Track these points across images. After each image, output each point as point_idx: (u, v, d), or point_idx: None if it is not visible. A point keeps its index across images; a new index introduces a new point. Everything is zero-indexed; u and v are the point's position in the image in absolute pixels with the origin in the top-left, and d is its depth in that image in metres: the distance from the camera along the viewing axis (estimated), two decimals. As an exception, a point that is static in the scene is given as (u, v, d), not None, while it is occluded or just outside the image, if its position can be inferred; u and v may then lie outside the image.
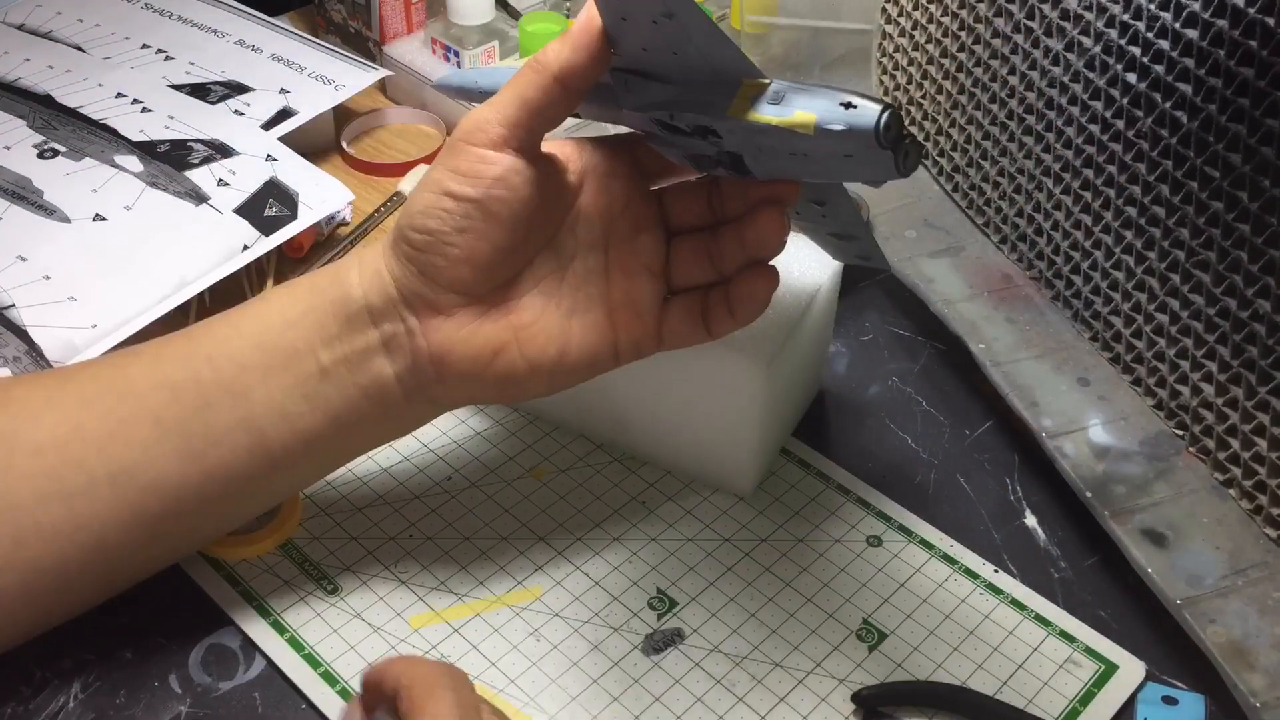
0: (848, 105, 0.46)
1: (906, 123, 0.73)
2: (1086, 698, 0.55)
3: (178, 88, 0.84)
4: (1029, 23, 0.67)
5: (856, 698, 0.55)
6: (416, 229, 0.51)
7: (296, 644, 0.57)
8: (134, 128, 0.80)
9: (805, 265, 0.63)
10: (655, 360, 0.55)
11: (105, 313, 0.68)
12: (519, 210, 0.51)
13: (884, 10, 0.81)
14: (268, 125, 0.81)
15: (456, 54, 0.89)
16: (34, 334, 0.66)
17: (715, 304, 0.53)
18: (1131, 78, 0.60)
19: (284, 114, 0.82)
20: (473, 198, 0.50)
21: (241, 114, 0.82)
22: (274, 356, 0.53)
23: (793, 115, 0.47)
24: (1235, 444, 0.58)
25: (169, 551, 0.56)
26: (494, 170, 0.50)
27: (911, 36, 0.78)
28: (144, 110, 0.81)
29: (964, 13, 0.72)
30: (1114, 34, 0.61)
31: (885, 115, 0.45)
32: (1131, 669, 0.56)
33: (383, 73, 0.89)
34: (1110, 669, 0.56)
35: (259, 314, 0.54)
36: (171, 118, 0.81)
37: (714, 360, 0.59)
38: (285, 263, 0.78)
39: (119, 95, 0.83)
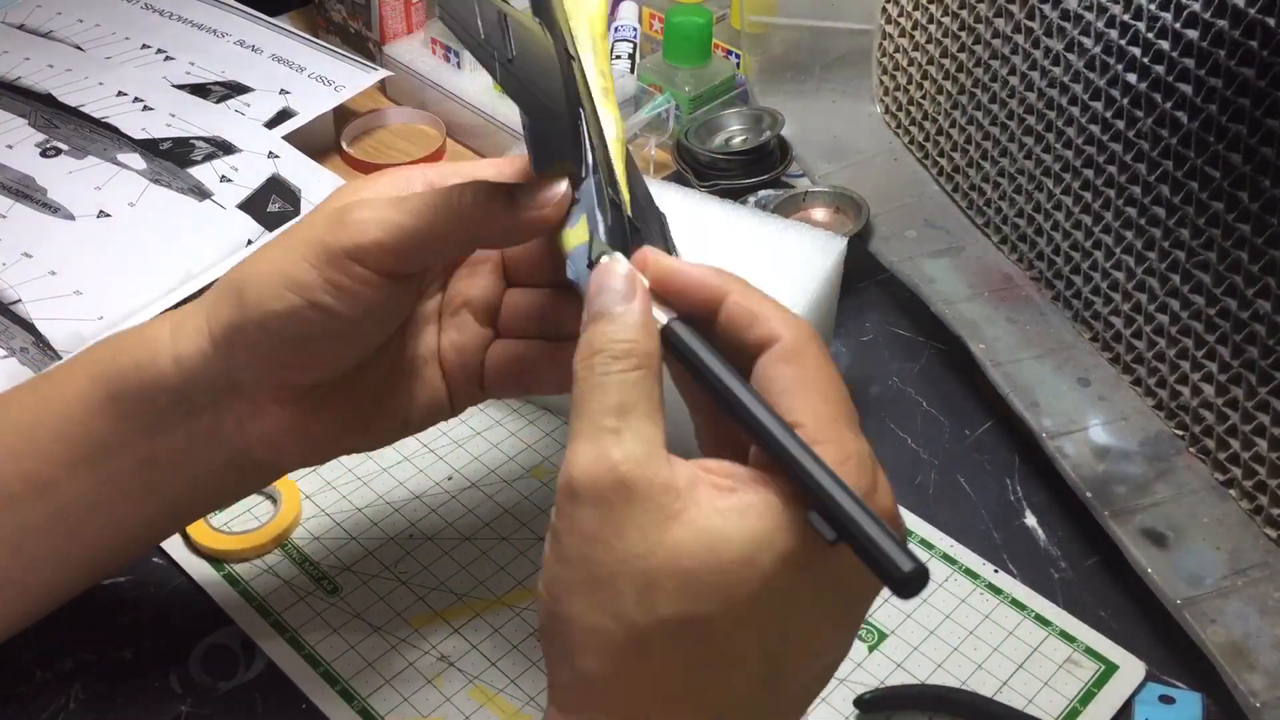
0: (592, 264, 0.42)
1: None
2: (1086, 698, 0.55)
3: (178, 88, 0.84)
4: (1029, 23, 0.67)
5: (859, 702, 0.55)
6: (272, 332, 0.44)
7: (296, 644, 0.57)
8: (135, 126, 0.80)
9: (807, 252, 0.63)
10: None
11: (112, 305, 0.68)
12: (390, 323, 0.47)
13: (884, 10, 0.81)
14: (268, 126, 0.81)
15: (456, 54, 0.89)
16: (41, 326, 0.67)
17: (537, 362, 0.50)
18: (1132, 78, 0.60)
19: (284, 115, 0.82)
20: (347, 317, 0.44)
21: (242, 114, 0.82)
22: (80, 450, 0.47)
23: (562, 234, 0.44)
24: (1235, 444, 0.58)
25: None
26: (378, 295, 0.44)
27: (911, 36, 0.78)
28: (145, 109, 0.82)
29: (964, 13, 0.72)
30: (1114, 34, 0.61)
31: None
32: (1131, 669, 0.56)
33: (383, 73, 0.89)
34: (1110, 669, 0.56)
35: (59, 401, 0.48)
36: (173, 115, 0.81)
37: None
38: (286, 262, 0.78)
39: (120, 94, 0.83)
